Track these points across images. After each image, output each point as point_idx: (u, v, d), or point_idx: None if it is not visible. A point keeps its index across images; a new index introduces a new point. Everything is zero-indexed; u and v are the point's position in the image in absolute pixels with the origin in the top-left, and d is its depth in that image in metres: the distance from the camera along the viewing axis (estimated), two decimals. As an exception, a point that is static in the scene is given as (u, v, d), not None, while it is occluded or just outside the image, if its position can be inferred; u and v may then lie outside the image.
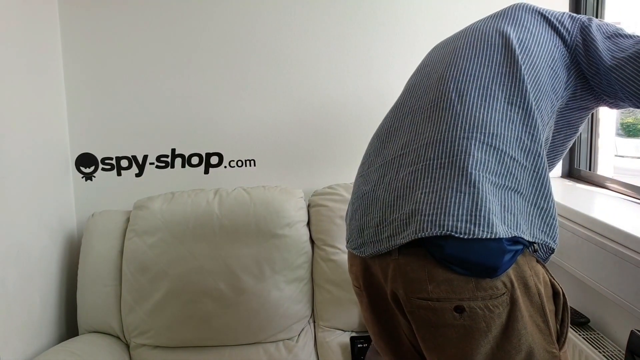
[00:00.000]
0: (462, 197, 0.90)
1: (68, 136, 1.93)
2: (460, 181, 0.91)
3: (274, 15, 1.93)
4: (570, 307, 1.56)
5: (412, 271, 0.92)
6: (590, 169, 1.97)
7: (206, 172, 2.01)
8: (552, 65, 1.06)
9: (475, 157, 0.92)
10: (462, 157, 0.92)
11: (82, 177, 1.96)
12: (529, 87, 1.00)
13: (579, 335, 1.45)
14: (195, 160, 2.00)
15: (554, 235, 0.97)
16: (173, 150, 1.99)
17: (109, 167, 1.97)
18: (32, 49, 1.68)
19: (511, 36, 1.06)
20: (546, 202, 0.96)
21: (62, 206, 1.86)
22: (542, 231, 0.95)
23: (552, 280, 0.99)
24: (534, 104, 1.00)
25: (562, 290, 0.98)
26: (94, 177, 1.97)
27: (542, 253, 1.01)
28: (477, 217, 0.88)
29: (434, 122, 0.99)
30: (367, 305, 1.09)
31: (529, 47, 1.05)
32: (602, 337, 1.43)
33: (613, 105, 1.13)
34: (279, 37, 1.94)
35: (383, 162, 1.05)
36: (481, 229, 0.87)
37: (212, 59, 1.94)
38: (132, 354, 1.74)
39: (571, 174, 2.03)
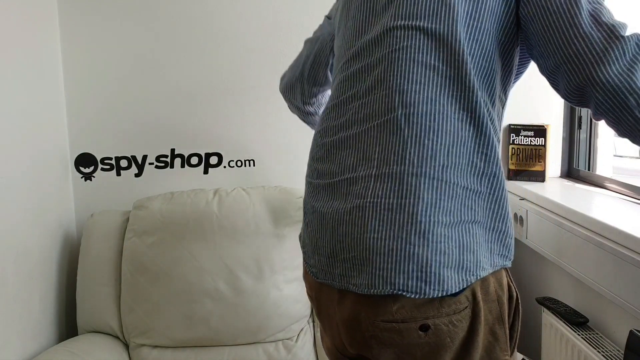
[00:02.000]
0: (412, 249, 0.85)
1: (67, 136, 1.93)
2: (410, 230, 0.85)
3: (272, 16, 1.93)
4: (569, 306, 1.57)
5: (375, 295, 0.88)
6: (589, 169, 1.97)
7: (205, 172, 2.02)
8: (505, 42, 0.95)
9: (425, 200, 0.86)
10: (411, 200, 0.86)
11: (82, 177, 1.96)
12: (479, 93, 0.91)
13: (578, 335, 1.45)
14: (194, 160, 2.00)
15: (511, 255, 0.94)
16: (172, 150, 1.99)
17: (108, 167, 1.97)
18: (31, 48, 1.68)
19: (459, 17, 0.91)
20: (504, 224, 0.93)
21: (61, 206, 1.86)
22: (501, 256, 0.93)
23: (510, 283, 0.96)
24: (485, 112, 0.91)
25: (517, 294, 0.96)
26: (94, 177, 1.97)
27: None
28: (428, 273, 0.84)
29: (382, 147, 0.91)
30: (318, 314, 1.08)
31: (478, 26, 0.92)
32: (601, 337, 1.43)
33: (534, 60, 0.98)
34: (277, 36, 1.94)
35: (330, 181, 0.99)
36: (432, 287, 0.84)
37: (212, 59, 1.94)
38: (131, 354, 1.75)
39: (570, 174, 2.04)
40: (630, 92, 0.81)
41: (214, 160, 2.01)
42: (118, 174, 1.98)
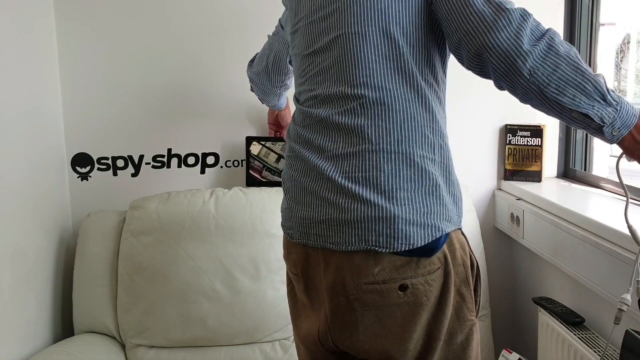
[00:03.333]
0: (380, 213, 0.99)
1: (64, 136, 1.92)
2: (377, 197, 1.00)
3: (273, 16, 1.93)
4: (566, 306, 1.57)
5: (359, 258, 1.01)
6: (585, 169, 1.98)
7: (202, 172, 2.01)
8: (435, 30, 1.07)
9: (385, 171, 1.00)
10: (373, 173, 1.01)
11: (78, 177, 1.96)
12: (420, 78, 1.05)
13: (574, 334, 1.45)
14: (191, 160, 2.00)
15: (462, 215, 1.10)
16: (169, 150, 1.99)
17: (104, 167, 1.97)
18: (27, 46, 1.68)
19: (390, 18, 1.04)
20: (455, 188, 1.08)
21: (57, 206, 1.86)
22: (458, 216, 1.08)
23: (471, 252, 1.10)
24: (428, 92, 1.05)
25: (476, 262, 1.10)
26: (90, 177, 1.96)
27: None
28: (396, 230, 0.98)
29: (345, 132, 1.05)
30: (304, 289, 1.15)
31: (410, 21, 1.05)
32: (597, 336, 1.44)
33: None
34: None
35: (308, 155, 1.10)
36: (399, 242, 0.99)
37: (210, 57, 1.94)
38: (127, 354, 1.74)
39: (566, 174, 2.04)
40: (517, 55, 0.94)
41: (210, 160, 2.01)
42: (114, 173, 1.97)
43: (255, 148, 1.96)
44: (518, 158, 1.99)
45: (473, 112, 2.02)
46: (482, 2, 0.98)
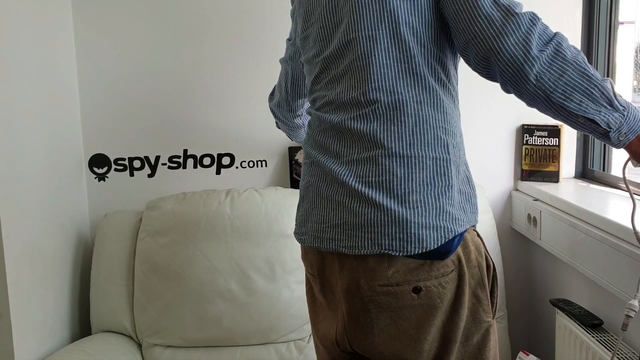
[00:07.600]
0: (393, 216, 0.99)
1: (81, 137, 1.94)
2: (389, 201, 1.00)
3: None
4: (584, 308, 1.56)
5: (373, 261, 1.02)
6: (603, 170, 1.95)
7: (218, 172, 2.02)
8: (446, 27, 1.06)
9: (398, 175, 1.00)
10: (386, 177, 1.01)
11: (95, 178, 1.98)
12: (432, 78, 1.04)
13: (592, 337, 1.44)
14: (207, 160, 2.01)
15: (477, 212, 1.10)
16: (185, 151, 2.00)
17: (121, 167, 1.98)
18: (45, 48, 1.70)
19: (400, 19, 1.04)
20: (468, 187, 1.08)
21: (75, 206, 1.88)
22: (472, 213, 1.07)
23: (486, 254, 1.09)
24: (441, 92, 1.05)
25: (493, 264, 1.10)
26: (107, 177, 1.98)
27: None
28: (409, 234, 0.99)
29: (359, 137, 1.05)
30: (320, 290, 1.16)
31: (421, 20, 1.04)
32: (615, 339, 1.42)
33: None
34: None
35: (321, 164, 1.11)
36: (413, 245, 0.98)
37: (225, 59, 1.95)
38: (144, 354, 1.76)
39: (585, 174, 2.02)
40: (525, 60, 0.95)
41: (226, 160, 2.02)
42: (131, 174, 1.99)
43: (301, 156, 1.98)
44: (535, 158, 1.97)
45: (489, 112, 2.00)
46: (491, 4, 0.98)
